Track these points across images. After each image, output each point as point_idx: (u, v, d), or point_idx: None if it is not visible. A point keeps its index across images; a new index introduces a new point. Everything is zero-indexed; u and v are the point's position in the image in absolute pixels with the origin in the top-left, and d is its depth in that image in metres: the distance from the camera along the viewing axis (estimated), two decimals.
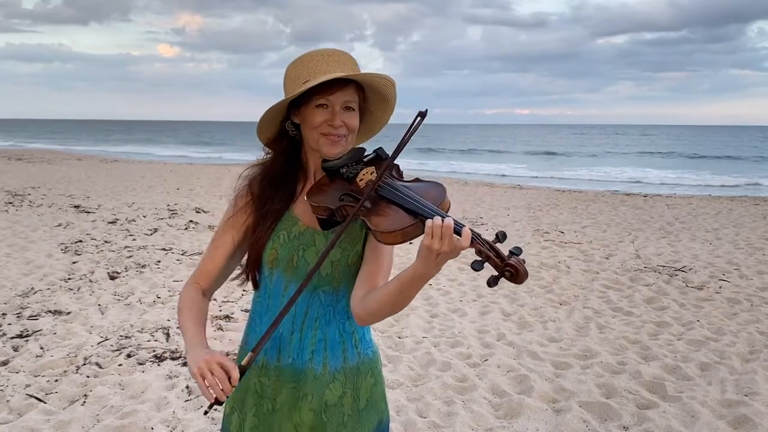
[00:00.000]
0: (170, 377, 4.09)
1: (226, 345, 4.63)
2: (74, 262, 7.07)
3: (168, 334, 4.83)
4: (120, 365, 4.25)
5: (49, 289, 5.99)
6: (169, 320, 5.16)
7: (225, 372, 1.38)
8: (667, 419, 3.61)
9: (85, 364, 4.25)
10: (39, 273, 6.55)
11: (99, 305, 5.55)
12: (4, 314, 5.23)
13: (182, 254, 7.64)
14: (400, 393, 3.93)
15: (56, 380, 4.00)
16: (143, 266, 6.96)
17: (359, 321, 1.53)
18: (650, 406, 3.81)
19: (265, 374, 1.62)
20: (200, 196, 13.62)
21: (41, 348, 4.51)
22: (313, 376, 1.59)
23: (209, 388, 1.37)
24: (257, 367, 1.63)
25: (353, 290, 1.55)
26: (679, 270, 7.36)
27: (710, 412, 3.71)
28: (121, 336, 4.80)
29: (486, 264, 1.30)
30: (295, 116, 1.59)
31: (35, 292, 5.88)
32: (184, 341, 1.54)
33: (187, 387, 3.93)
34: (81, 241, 8.23)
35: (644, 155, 43.17)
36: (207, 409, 1.43)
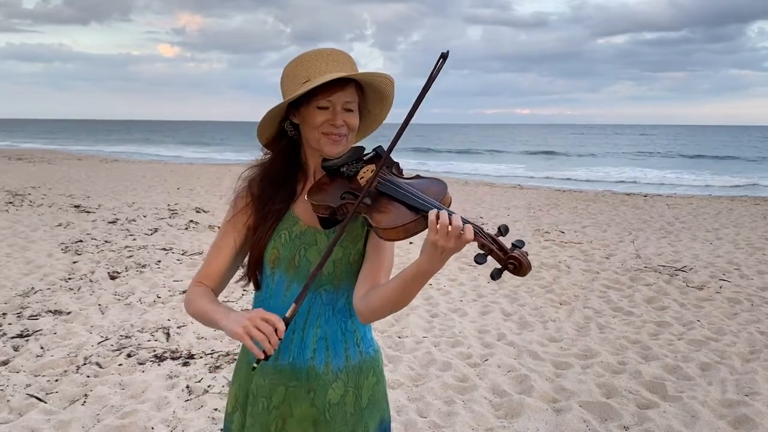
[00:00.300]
0: (170, 377, 4.09)
1: (227, 345, 4.63)
2: (74, 262, 7.07)
3: (168, 334, 4.83)
4: (120, 365, 4.25)
5: (50, 289, 5.99)
6: (170, 320, 5.16)
7: (270, 325, 1.37)
8: (668, 419, 3.61)
9: (86, 364, 4.25)
10: (39, 273, 6.55)
11: (99, 305, 5.55)
12: (5, 314, 5.23)
13: (182, 254, 7.64)
14: (401, 393, 3.93)
15: (56, 380, 4.00)
16: (143, 266, 6.96)
17: (362, 319, 1.54)
18: (651, 406, 3.81)
19: (261, 375, 1.62)
20: (200, 196, 13.63)
21: (41, 348, 4.51)
22: (315, 375, 1.59)
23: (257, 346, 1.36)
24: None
25: (355, 288, 1.56)
26: (680, 270, 7.36)
27: (711, 412, 3.71)
28: (122, 336, 4.80)
29: (489, 257, 1.31)
30: (294, 116, 1.59)
31: (35, 292, 5.88)
32: (212, 317, 1.52)
33: (188, 387, 3.93)
34: (81, 241, 8.23)
35: (644, 155, 43.16)
36: (254, 365, 1.42)
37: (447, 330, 5.16)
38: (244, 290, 5.71)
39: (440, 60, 1.38)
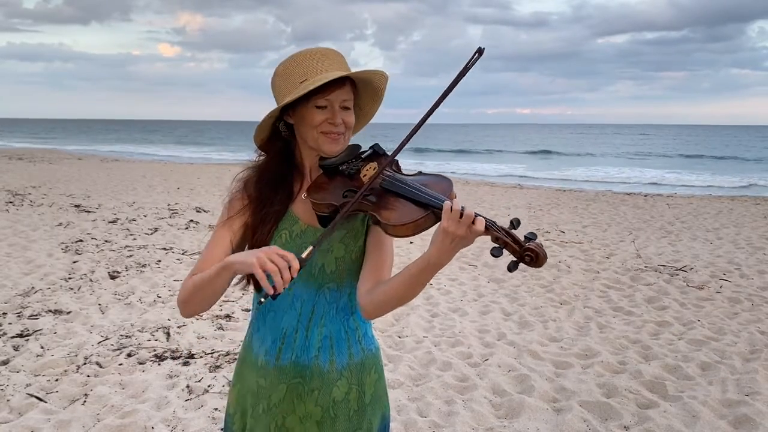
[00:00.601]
0: (170, 377, 4.08)
1: (227, 344, 4.63)
2: (75, 262, 7.07)
3: (168, 334, 4.83)
4: (120, 365, 4.25)
5: (50, 289, 5.99)
6: (170, 320, 5.16)
7: (285, 261, 1.33)
8: (668, 419, 3.61)
9: (86, 364, 4.25)
10: (39, 272, 6.55)
11: (99, 305, 5.55)
12: (5, 314, 5.23)
13: (183, 254, 7.65)
14: (401, 392, 3.93)
15: (57, 380, 4.00)
16: (144, 266, 6.96)
17: (366, 315, 1.54)
18: (651, 406, 3.81)
19: (264, 375, 1.62)
20: (201, 196, 13.63)
21: (42, 347, 4.51)
22: (320, 372, 1.59)
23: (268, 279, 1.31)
24: (256, 368, 1.63)
25: (358, 284, 1.56)
26: (680, 269, 7.36)
27: (711, 412, 3.70)
28: (122, 335, 4.80)
29: (504, 250, 1.32)
30: (290, 116, 1.59)
31: (36, 292, 5.88)
32: (212, 273, 1.44)
33: (188, 386, 3.93)
34: (81, 241, 8.23)
35: (644, 155, 43.16)
36: (262, 300, 1.38)
37: (447, 330, 5.16)
38: (244, 291, 5.71)
39: (476, 54, 1.39)
